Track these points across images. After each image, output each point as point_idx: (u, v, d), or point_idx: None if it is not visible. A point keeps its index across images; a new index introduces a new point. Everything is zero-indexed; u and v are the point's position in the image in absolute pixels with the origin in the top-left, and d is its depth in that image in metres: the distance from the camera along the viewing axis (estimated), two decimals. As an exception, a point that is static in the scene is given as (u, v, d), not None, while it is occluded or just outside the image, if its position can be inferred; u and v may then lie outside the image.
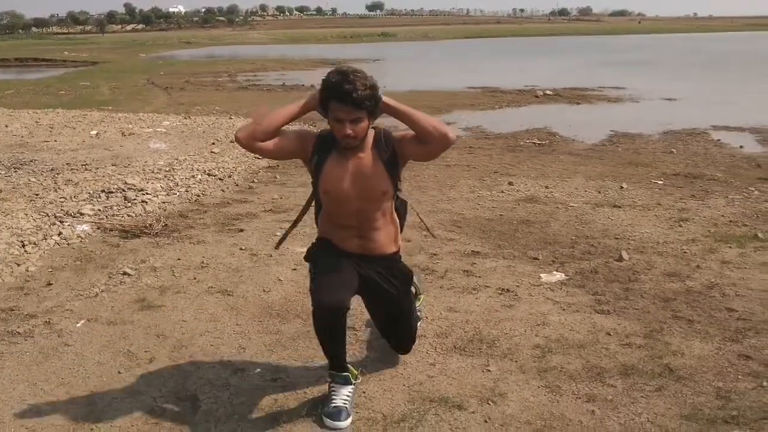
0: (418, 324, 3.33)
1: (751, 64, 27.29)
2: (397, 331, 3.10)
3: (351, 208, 2.77)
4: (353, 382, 2.82)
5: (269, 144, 2.71)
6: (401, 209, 2.96)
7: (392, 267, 2.95)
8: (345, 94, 2.53)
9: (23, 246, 4.85)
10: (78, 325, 3.64)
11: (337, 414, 2.70)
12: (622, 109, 13.83)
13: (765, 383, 2.96)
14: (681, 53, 37.07)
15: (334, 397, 2.76)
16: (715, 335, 3.44)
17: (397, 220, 2.94)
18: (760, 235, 5.01)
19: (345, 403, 2.74)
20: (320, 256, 2.86)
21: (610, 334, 3.46)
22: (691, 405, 2.81)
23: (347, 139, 2.64)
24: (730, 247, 4.80)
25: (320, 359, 3.20)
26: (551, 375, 3.06)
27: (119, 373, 3.13)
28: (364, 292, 2.93)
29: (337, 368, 2.80)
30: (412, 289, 3.23)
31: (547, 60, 32.89)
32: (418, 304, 3.40)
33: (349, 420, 2.71)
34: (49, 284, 4.22)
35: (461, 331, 3.52)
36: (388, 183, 2.76)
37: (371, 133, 2.76)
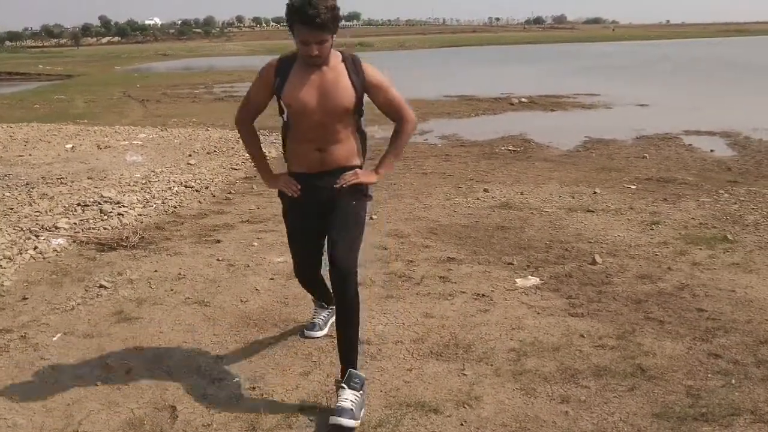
0: (357, 422, 2.76)
1: (722, 69, 27.78)
2: (339, 234, 2.90)
3: (313, 120, 2.86)
4: (328, 307, 3.54)
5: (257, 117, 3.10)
6: (363, 135, 3.08)
7: (357, 189, 3.00)
8: (310, 18, 2.64)
9: (-2, 261, 4.81)
10: (54, 338, 3.62)
11: (311, 326, 3.58)
12: (596, 115, 14.02)
13: (734, 381, 3.04)
14: (654, 60, 37.60)
15: (314, 316, 3.63)
16: (686, 335, 3.51)
17: (359, 141, 3.04)
18: (729, 236, 5.11)
19: (321, 320, 3.58)
20: (289, 219, 3.15)
21: (583, 337, 3.52)
22: (663, 403, 2.87)
23: (313, 59, 2.78)
24: (701, 248, 4.90)
25: (298, 367, 3.24)
26: (526, 378, 3.11)
27: (96, 385, 3.13)
28: (326, 216, 2.97)
29: (317, 298, 3.56)
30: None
31: (522, 68, 33.24)
32: (360, 392, 2.85)
33: (323, 332, 3.55)
34: (25, 298, 4.20)
35: (437, 336, 3.56)
36: (351, 99, 2.86)
37: (337, 53, 2.89)
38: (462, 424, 2.75)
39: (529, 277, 4.42)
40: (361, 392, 2.81)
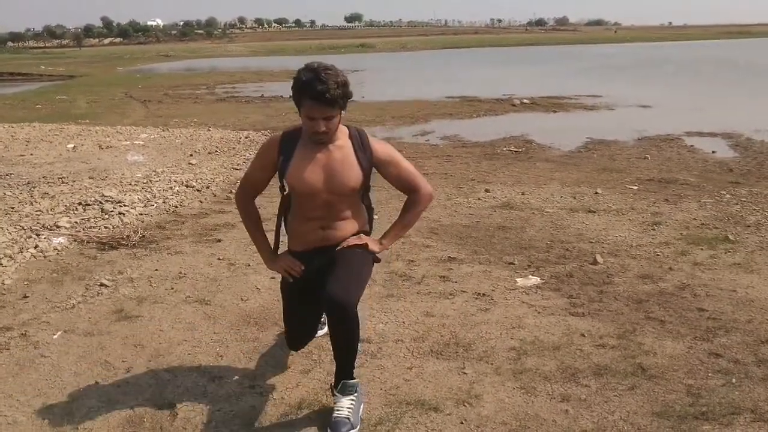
0: None
1: (724, 71, 27.76)
2: (340, 273, 2.70)
3: (319, 200, 2.76)
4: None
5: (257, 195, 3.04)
6: (370, 210, 3.01)
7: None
8: (319, 94, 2.53)
9: (-1, 259, 4.82)
10: (55, 336, 3.63)
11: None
12: (597, 116, 14.02)
13: (734, 380, 3.03)
14: (656, 61, 37.60)
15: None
16: (687, 335, 3.51)
17: (366, 216, 2.98)
18: (730, 236, 5.11)
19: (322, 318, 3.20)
20: (287, 294, 2.97)
21: (584, 336, 3.52)
22: (663, 402, 2.86)
23: (320, 136, 2.66)
24: (702, 249, 4.89)
25: (298, 365, 3.24)
26: (526, 376, 3.11)
27: (97, 382, 3.13)
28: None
29: None
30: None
31: (524, 69, 33.24)
32: (359, 411, 2.82)
33: (322, 331, 3.26)
34: (25, 297, 4.20)
35: (438, 335, 3.56)
36: (358, 179, 2.76)
37: (343, 128, 2.78)
38: (462, 423, 2.75)
39: (530, 276, 4.42)
40: (356, 394, 2.78)
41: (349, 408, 2.72)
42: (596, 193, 6.71)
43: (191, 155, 9.39)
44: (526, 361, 3.25)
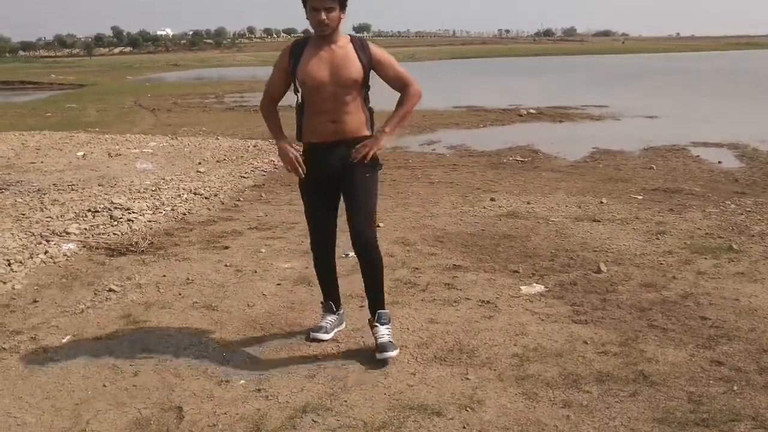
0: (395, 352, 3.35)
1: (731, 82, 27.75)
2: (358, 205, 3.32)
3: (326, 93, 3.19)
4: (336, 311, 3.65)
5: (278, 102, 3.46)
6: (370, 111, 3.40)
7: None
8: None
9: (9, 265, 4.89)
10: (64, 340, 3.68)
11: (317, 329, 3.58)
12: (604, 126, 14.05)
13: (736, 388, 3.05)
14: (663, 72, 37.60)
15: (322, 320, 3.64)
16: (689, 343, 3.53)
17: (368, 112, 3.37)
18: (734, 246, 5.12)
19: (328, 324, 3.60)
20: (306, 194, 3.44)
21: (587, 343, 3.55)
22: (664, 409, 2.89)
23: (322, 26, 3.10)
24: (706, 258, 4.91)
25: (303, 370, 3.28)
26: (528, 382, 3.14)
27: (104, 386, 3.18)
28: (341, 186, 3.36)
29: (327, 298, 3.64)
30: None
31: (531, 79, 33.29)
32: (388, 326, 3.47)
33: (328, 336, 3.58)
34: (35, 301, 4.26)
35: (442, 341, 3.59)
36: (359, 72, 3.20)
37: (346, 36, 3.26)
38: (464, 427, 2.78)
39: (534, 284, 4.45)
40: (390, 324, 3.46)
41: (388, 333, 3.40)
42: (601, 202, 6.74)
43: (199, 163, 9.47)
44: (528, 368, 3.28)
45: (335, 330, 3.65)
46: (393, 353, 3.32)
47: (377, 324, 3.40)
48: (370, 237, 3.31)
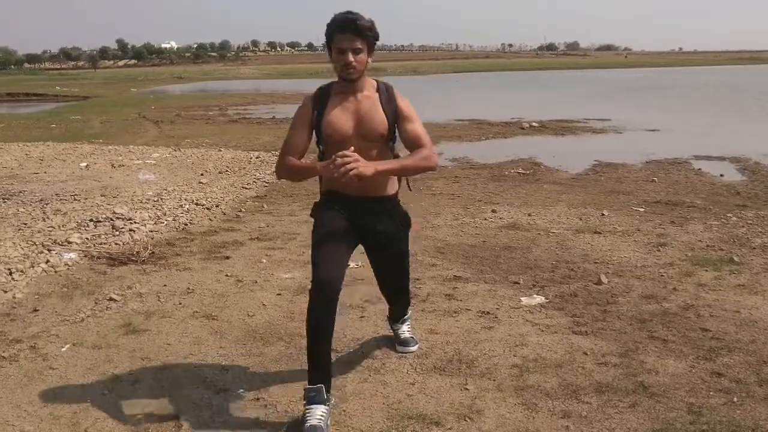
0: (415, 347, 3.60)
1: (733, 96, 27.79)
2: (394, 274, 3.40)
3: (351, 147, 2.84)
4: (327, 402, 2.81)
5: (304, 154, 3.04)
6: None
7: (390, 209, 3.17)
8: (348, 22, 2.81)
9: (10, 273, 4.90)
10: (63, 349, 3.68)
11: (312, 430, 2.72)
12: (606, 139, 14.07)
13: (736, 399, 3.04)
14: (665, 86, 37.68)
15: (308, 417, 2.75)
16: (689, 354, 3.52)
17: None
18: (735, 258, 5.12)
19: (320, 422, 2.73)
20: (320, 220, 3.05)
21: (586, 354, 3.54)
22: (664, 420, 2.88)
23: (348, 68, 2.85)
24: (707, 270, 4.90)
25: (302, 379, 3.27)
26: (528, 393, 3.13)
27: (103, 394, 3.17)
28: (365, 241, 3.15)
29: (314, 381, 2.81)
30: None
31: (534, 93, 33.38)
32: (407, 315, 3.69)
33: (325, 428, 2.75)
34: (36, 310, 4.26)
35: (441, 351, 3.58)
36: (385, 126, 2.96)
37: (372, 81, 3.02)
38: (463, 437, 2.77)
39: (535, 295, 4.44)
40: (410, 321, 3.69)
41: (409, 329, 3.64)
42: (602, 214, 6.74)
43: (202, 174, 9.50)
44: (528, 378, 3.27)
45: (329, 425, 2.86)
46: (413, 348, 3.54)
47: (397, 323, 3.62)
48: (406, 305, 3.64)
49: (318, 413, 2.76)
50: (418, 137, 2.99)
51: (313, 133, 3.01)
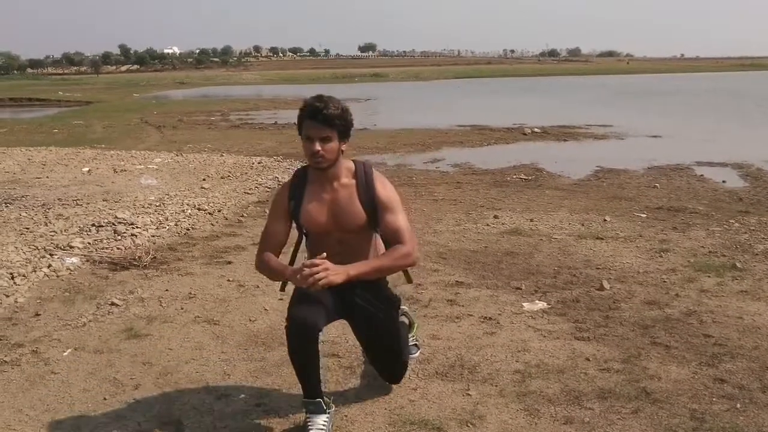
0: (417, 353, 3.46)
1: (735, 102, 27.80)
2: (383, 356, 3.08)
3: (332, 239, 2.83)
4: (327, 410, 2.79)
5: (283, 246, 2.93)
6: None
7: (376, 292, 2.95)
8: (316, 110, 2.66)
9: (12, 278, 4.90)
10: (65, 353, 3.68)
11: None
12: (608, 145, 14.07)
13: (739, 405, 3.03)
14: (667, 92, 37.69)
15: (310, 427, 2.74)
16: (692, 360, 3.51)
17: (383, 248, 2.93)
18: (738, 264, 5.11)
19: (322, 428, 2.74)
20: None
21: (589, 360, 3.53)
22: (666, 426, 2.87)
23: (316, 158, 2.70)
24: (709, 276, 4.89)
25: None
26: (530, 398, 3.12)
27: (105, 399, 3.17)
28: (350, 317, 2.98)
29: (310, 395, 2.76)
30: (404, 319, 3.35)
31: (536, 99, 33.41)
32: (411, 334, 3.42)
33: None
34: (37, 315, 4.26)
35: (443, 357, 3.58)
36: (363, 218, 2.82)
37: (350, 165, 2.86)
38: (465, 443, 2.77)
39: (537, 301, 4.44)
40: (414, 331, 3.46)
41: (412, 336, 3.41)
42: (605, 220, 6.73)
43: (204, 179, 9.51)
44: (530, 384, 3.26)
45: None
46: (416, 354, 3.40)
47: None
48: (400, 378, 3.17)
49: (320, 422, 2.75)
50: (397, 231, 2.81)
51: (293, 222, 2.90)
